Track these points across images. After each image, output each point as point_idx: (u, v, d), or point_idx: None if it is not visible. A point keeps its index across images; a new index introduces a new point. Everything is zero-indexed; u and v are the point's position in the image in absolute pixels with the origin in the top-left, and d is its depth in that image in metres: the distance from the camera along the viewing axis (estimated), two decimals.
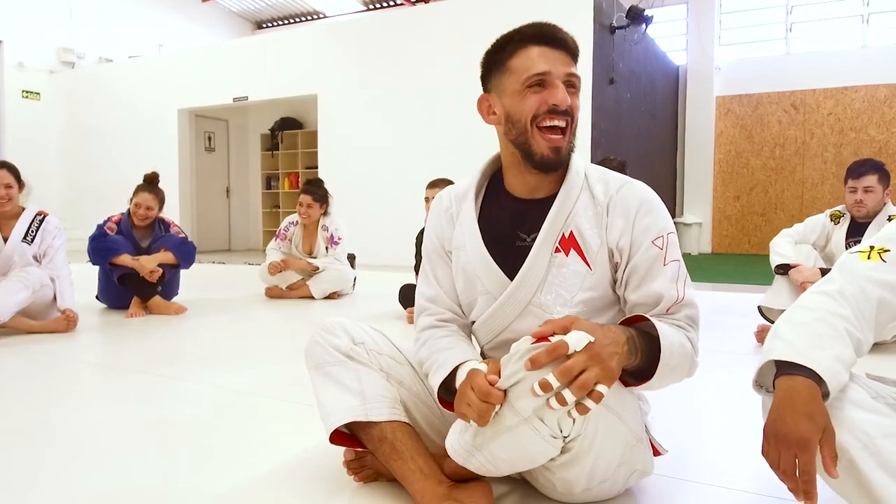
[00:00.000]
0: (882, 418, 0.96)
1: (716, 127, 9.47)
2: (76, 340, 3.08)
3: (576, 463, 1.10)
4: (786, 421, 0.90)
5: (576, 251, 1.21)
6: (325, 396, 1.31)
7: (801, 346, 0.96)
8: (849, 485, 0.95)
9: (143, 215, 3.87)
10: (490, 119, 1.28)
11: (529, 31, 1.21)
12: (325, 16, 12.78)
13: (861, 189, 3.07)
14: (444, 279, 1.36)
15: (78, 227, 9.02)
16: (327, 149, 8.00)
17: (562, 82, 1.19)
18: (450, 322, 1.34)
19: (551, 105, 1.18)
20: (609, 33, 6.70)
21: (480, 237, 1.28)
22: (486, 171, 1.36)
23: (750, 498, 1.33)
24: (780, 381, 0.95)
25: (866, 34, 8.81)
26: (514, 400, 1.03)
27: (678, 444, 1.64)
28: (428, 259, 1.39)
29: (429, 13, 7.54)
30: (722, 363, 2.61)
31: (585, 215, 1.22)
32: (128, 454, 1.59)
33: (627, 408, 1.13)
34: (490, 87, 1.27)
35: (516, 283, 1.23)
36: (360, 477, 1.36)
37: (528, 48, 1.20)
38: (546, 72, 1.18)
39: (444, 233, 1.36)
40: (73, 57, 10.01)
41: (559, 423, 1.02)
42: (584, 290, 1.21)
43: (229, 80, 8.69)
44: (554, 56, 1.19)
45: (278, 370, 2.45)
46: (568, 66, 1.20)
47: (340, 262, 4.60)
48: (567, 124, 1.20)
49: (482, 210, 1.33)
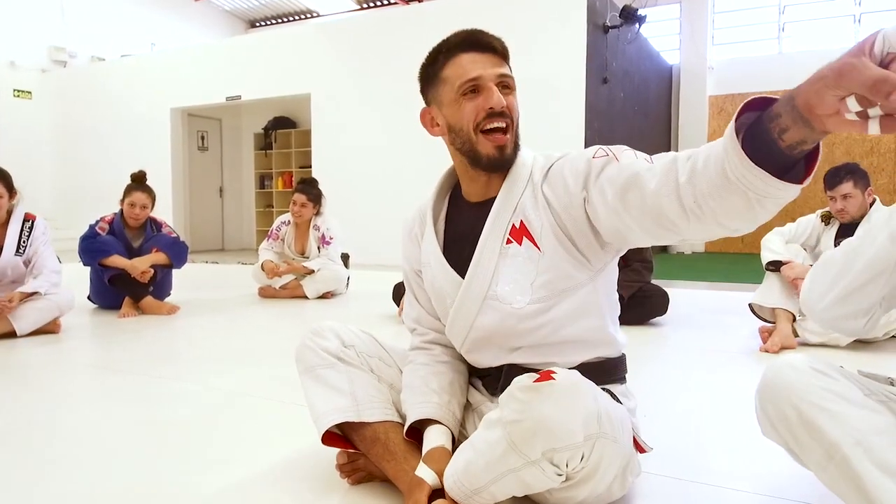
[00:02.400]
0: (875, 415, 0.97)
1: (709, 126, 9.50)
2: (68, 341, 3.06)
3: (577, 487, 1.10)
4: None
5: (527, 238, 1.22)
6: (316, 399, 1.31)
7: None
8: (842, 482, 0.96)
9: (138, 215, 3.85)
10: (434, 131, 1.31)
11: (456, 40, 1.23)
12: (318, 14, 12.77)
13: (839, 198, 3.07)
14: (424, 299, 1.42)
15: (70, 226, 9.00)
16: (321, 148, 7.98)
17: (495, 84, 1.21)
18: (434, 344, 1.40)
19: (488, 109, 1.20)
20: (602, 33, 6.71)
21: (441, 252, 1.32)
22: (442, 184, 1.39)
23: (747, 497, 1.33)
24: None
25: (858, 34, 8.86)
26: (521, 445, 1.01)
27: (674, 443, 1.64)
28: (407, 282, 1.45)
29: (423, 12, 7.53)
30: (716, 362, 2.62)
31: (530, 202, 1.24)
32: (120, 455, 1.58)
33: (624, 429, 1.13)
34: (429, 99, 1.30)
35: (468, 279, 1.26)
36: (353, 479, 1.36)
37: (458, 56, 1.22)
38: (477, 77, 1.20)
39: (412, 254, 1.42)
40: (65, 56, 9.97)
41: (567, 461, 1.02)
42: (541, 273, 1.21)
43: (222, 80, 8.66)
44: (483, 60, 1.21)
45: (271, 370, 2.44)
46: (498, 68, 1.22)
47: (333, 261, 4.59)
48: (508, 124, 1.22)
49: (448, 221, 1.36)
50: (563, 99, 6.33)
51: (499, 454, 1.04)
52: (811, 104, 0.75)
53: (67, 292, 3.30)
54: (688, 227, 0.98)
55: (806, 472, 1.08)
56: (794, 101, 0.77)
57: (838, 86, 0.71)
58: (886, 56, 0.70)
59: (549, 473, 1.03)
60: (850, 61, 0.70)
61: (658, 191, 0.99)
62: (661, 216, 1.00)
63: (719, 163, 0.87)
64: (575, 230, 1.19)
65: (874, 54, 0.70)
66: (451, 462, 1.15)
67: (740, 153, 0.83)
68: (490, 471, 1.06)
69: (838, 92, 0.72)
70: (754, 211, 0.88)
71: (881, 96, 0.68)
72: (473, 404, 1.38)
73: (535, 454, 1.01)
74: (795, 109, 0.77)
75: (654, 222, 1.02)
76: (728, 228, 0.95)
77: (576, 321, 1.23)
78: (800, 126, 0.78)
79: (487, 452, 1.06)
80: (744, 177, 0.84)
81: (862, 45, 0.71)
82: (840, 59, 0.71)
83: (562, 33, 6.42)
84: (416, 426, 1.27)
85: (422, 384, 1.30)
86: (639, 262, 3.42)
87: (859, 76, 0.69)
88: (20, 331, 3.04)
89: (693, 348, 2.90)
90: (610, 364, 1.30)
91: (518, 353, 1.26)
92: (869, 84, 0.68)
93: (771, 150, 0.82)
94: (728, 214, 0.91)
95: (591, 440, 1.03)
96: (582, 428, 1.01)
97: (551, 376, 1.02)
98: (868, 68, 0.68)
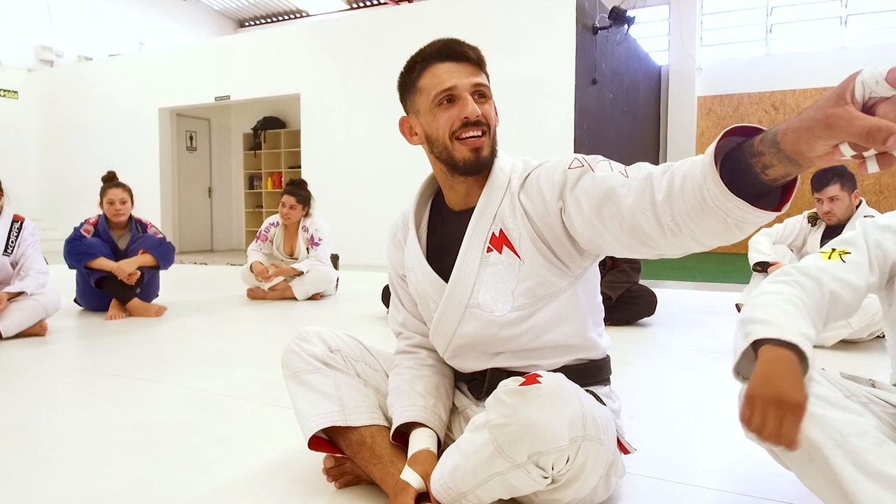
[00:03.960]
0: (855, 417, 0.98)
1: (697, 127, 9.56)
2: (54, 343, 3.04)
3: (562, 490, 1.11)
4: (778, 385, 0.90)
5: (507, 246, 1.24)
6: (302, 404, 1.31)
7: (779, 322, 0.98)
8: (823, 483, 0.97)
9: (119, 210, 3.83)
10: (413, 140, 1.32)
11: (431, 50, 1.24)
12: (308, 14, 12.73)
13: (826, 200, 3.10)
14: (409, 303, 1.43)
15: (57, 227, 8.94)
16: (310, 148, 7.96)
17: (470, 94, 1.21)
18: (419, 347, 1.41)
19: (463, 118, 1.21)
20: (591, 34, 6.73)
21: (424, 258, 1.32)
22: (423, 190, 1.39)
23: (730, 497, 1.34)
24: (764, 350, 0.96)
25: (845, 35, 8.93)
26: (507, 448, 1.02)
27: (659, 443, 1.65)
28: (392, 287, 1.46)
29: (413, 12, 7.53)
30: (702, 361, 2.63)
31: (508, 210, 1.24)
32: (105, 458, 1.57)
33: (609, 431, 1.13)
34: (407, 108, 1.31)
35: (450, 288, 1.27)
36: (340, 483, 1.36)
37: (434, 66, 1.23)
38: (452, 86, 1.21)
39: (396, 259, 1.43)
40: (52, 55, 9.89)
41: (553, 464, 1.03)
42: (522, 281, 1.22)
43: (211, 79, 8.62)
44: (459, 70, 1.22)
45: (259, 373, 2.43)
46: (474, 77, 1.22)
47: (322, 262, 4.58)
48: (484, 132, 1.23)
49: (430, 228, 1.37)
50: (553, 100, 6.35)
51: (485, 458, 1.05)
52: (801, 150, 0.75)
53: (54, 294, 3.28)
54: (665, 242, 0.98)
55: (788, 473, 1.09)
56: (781, 146, 0.77)
57: (830, 137, 0.71)
58: (869, 100, 0.71)
59: (535, 476, 1.04)
60: (837, 112, 0.70)
61: (634, 208, 1.00)
62: (639, 231, 1.00)
63: (697, 187, 0.88)
64: (552, 238, 1.20)
65: (856, 101, 0.71)
66: (437, 465, 1.16)
67: (720, 183, 0.84)
68: (477, 474, 1.07)
69: (830, 142, 0.72)
70: (732, 233, 0.89)
71: (878, 144, 0.68)
72: (459, 408, 1.38)
73: (522, 457, 1.02)
74: (782, 152, 0.77)
75: (632, 237, 1.03)
76: (706, 245, 0.96)
77: (556, 327, 1.23)
78: (785, 164, 0.79)
79: (474, 456, 1.07)
80: (723, 204, 0.85)
81: (842, 91, 0.71)
82: (825, 110, 0.71)
83: (551, 35, 6.44)
84: (402, 430, 1.27)
85: (407, 388, 1.31)
86: (627, 262, 3.43)
87: (850, 127, 0.69)
88: (5, 332, 3.02)
89: (680, 348, 2.91)
90: (593, 366, 1.30)
91: (500, 357, 1.27)
92: (863, 134, 0.68)
93: (752, 182, 0.83)
94: (706, 234, 0.92)
95: (577, 443, 1.04)
96: (567, 431, 1.02)
97: (537, 380, 1.03)
98: (858, 119, 0.69)
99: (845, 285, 1.10)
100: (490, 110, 1.24)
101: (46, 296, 3.21)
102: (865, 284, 1.12)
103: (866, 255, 1.14)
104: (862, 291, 1.13)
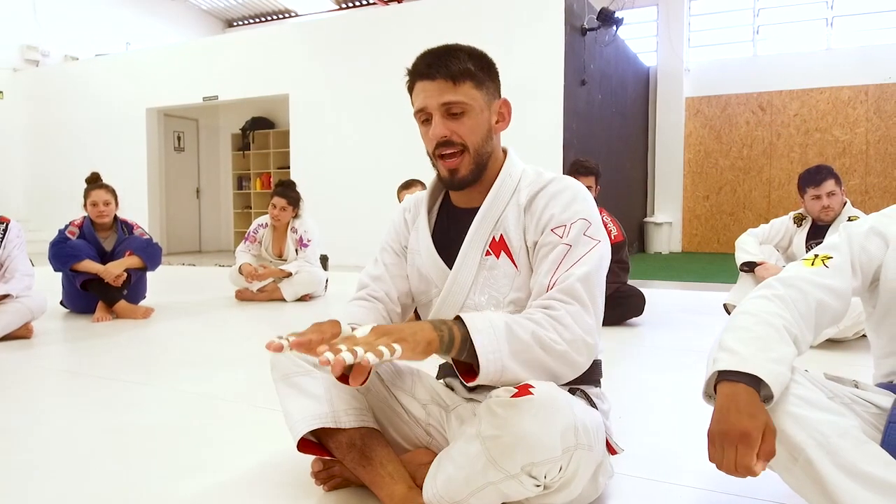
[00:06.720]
0: (838, 418, 0.99)
1: (685, 127, 9.61)
2: (40, 346, 3.01)
3: (553, 495, 1.12)
4: (729, 420, 0.94)
5: (505, 253, 1.27)
6: (292, 406, 1.30)
7: (745, 353, 1.00)
8: (806, 483, 0.98)
9: (102, 211, 3.80)
10: None
11: (415, 65, 1.26)
12: (296, 14, 12.68)
13: (825, 195, 3.13)
14: (392, 266, 1.42)
15: (43, 228, 8.84)
16: (299, 149, 7.93)
17: (440, 113, 1.22)
18: (379, 301, 1.40)
19: (433, 140, 1.24)
20: (580, 35, 6.75)
21: (433, 244, 1.34)
22: (434, 186, 1.41)
23: (717, 496, 1.35)
24: (721, 387, 1.00)
25: (831, 37, 9.01)
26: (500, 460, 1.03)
27: (646, 443, 1.66)
28: (382, 248, 1.46)
29: (402, 13, 7.52)
30: (690, 361, 2.65)
31: (512, 219, 1.27)
32: (92, 461, 1.56)
33: (599, 435, 1.15)
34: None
35: (448, 286, 1.29)
36: (329, 486, 1.36)
37: (416, 84, 1.25)
38: (423, 108, 1.24)
39: (401, 231, 1.44)
40: (38, 55, 9.79)
41: (546, 473, 1.04)
42: (514, 291, 1.26)
43: (199, 80, 8.57)
44: (430, 89, 1.22)
45: (247, 374, 2.43)
46: (444, 95, 1.21)
47: (311, 263, 4.57)
48: (459, 150, 1.24)
49: (437, 221, 1.40)
50: (541, 101, 6.36)
51: (478, 469, 1.06)
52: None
53: (40, 296, 3.25)
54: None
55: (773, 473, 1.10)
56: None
57: None
58: None
59: (528, 485, 1.05)
60: None
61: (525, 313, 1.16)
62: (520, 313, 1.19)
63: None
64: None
65: None
66: (429, 475, 1.17)
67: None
68: (470, 484, 1.08)
69: None
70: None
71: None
72: (451, 406, 1.38)
73: (515, 469, 1.03)
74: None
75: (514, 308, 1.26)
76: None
77: None
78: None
79: (467, 467, 1.08)
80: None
81: None
82: None
83: (539, 36, 6.45)
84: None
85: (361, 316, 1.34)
86: (615, 263, 3.44)
87: None
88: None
89: (668, 348, 2.93)
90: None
91: None
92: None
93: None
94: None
95: (569, 452, 1.05)
96: (560, 441, 1.03)
97: (529, 391, 1.03)
98: None
99: (830, 291, 1.11)
100: (463, 127, 1.23)
101: (32, 298, 3.18)
102: (850, 288, 1.14)
103: (849, 259, 1.15)
104: (847, 296, 1.14)
